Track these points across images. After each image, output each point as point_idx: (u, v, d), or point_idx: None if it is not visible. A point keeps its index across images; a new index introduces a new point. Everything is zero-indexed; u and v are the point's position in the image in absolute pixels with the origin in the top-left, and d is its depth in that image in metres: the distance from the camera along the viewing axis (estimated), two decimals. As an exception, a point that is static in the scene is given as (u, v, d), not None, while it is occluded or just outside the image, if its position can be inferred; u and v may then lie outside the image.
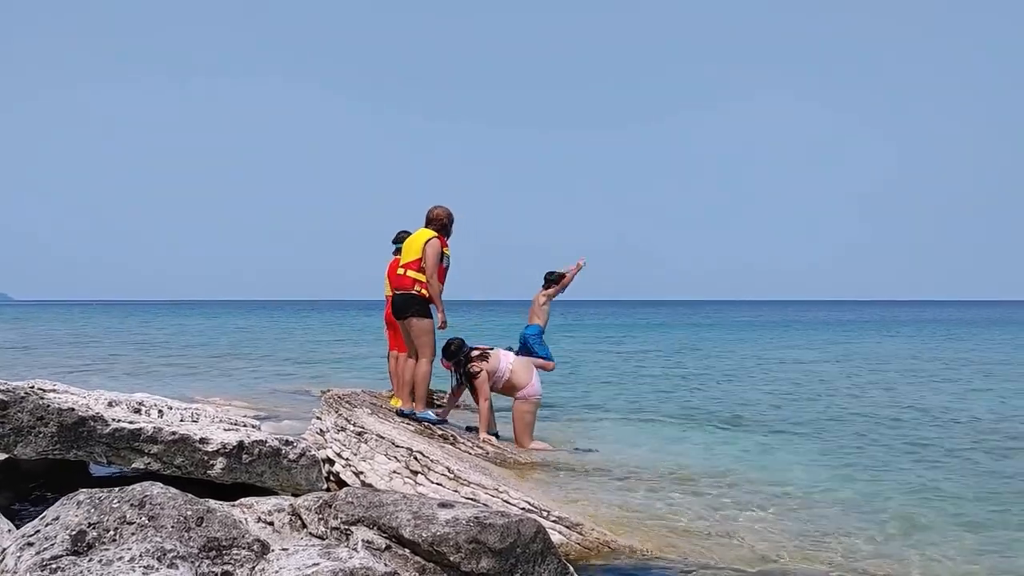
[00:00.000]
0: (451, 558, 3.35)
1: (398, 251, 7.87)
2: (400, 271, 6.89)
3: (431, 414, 6.95)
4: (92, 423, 4.70)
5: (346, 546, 3.46)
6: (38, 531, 3.14)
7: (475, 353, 7.34)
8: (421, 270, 6.73)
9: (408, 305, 6.79)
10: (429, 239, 6.74)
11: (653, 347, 25.68)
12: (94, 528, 3.11)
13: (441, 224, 6.91)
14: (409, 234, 7.11)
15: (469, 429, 7.29)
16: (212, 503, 3.59)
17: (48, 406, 4.62)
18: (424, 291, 6.74)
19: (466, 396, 7.73)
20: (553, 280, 9.20)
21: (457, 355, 7.32)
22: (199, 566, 3.05)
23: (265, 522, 3.94)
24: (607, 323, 49.69)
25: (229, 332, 36.06)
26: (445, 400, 10.50)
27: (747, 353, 22.64)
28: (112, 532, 3.12)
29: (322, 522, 3.76)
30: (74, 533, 3.07)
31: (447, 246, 6.88)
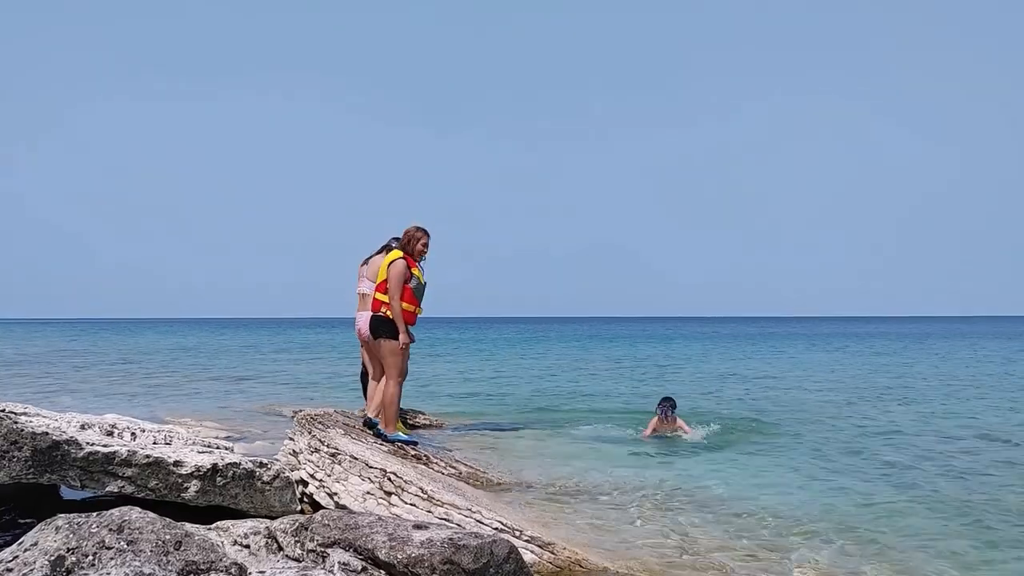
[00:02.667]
0: (426, 579, 3.43)
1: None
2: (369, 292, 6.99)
3: (402, 435, 7.01)
4: (66, 447, 4.71)
5: (322, 568, 3.53)
6: (17, 557, 3.16)
7: None
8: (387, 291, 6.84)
9: (378, 327, 6.88)
10: (393, 260, 6.86)
11: (628, 363, 25.89)
12: (73, 553, 3.15)
13: (402, 245, 7.03)
14: (398, 240, 7.22)
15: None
16: (189, 527, 3.63)
17: (22, 430, 4.62)
18: (390, 312, 6.84)
19: (448, 412, 7.77)
20: None
21: None
22: (178, 590, 3.10)
23: (241, 545, 3.98)
24: (593, 338, 49.90)
25: (199, 351, 35.64)
26: (420, 420, 10.54)
27: (722, 370, 22.92)
28: (91, 557, 3.15)
29: (299, 544, 3.82)
30: (53, 558, 3.10)
31: (415, 266, 6.97)
